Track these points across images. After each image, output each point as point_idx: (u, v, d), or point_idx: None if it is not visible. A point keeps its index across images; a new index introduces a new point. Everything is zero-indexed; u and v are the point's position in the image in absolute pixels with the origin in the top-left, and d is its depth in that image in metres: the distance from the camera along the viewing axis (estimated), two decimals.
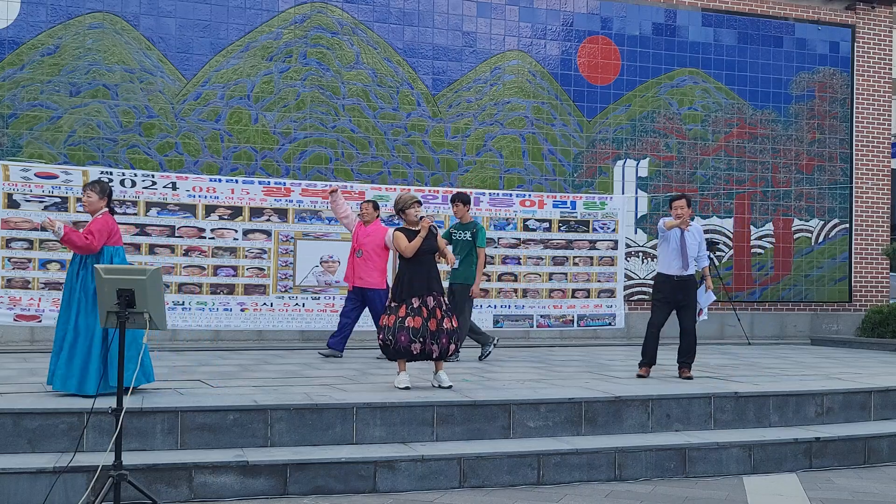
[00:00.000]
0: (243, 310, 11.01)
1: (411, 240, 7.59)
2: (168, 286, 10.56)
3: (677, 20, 14.85)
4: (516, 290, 12.25)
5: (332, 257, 10.37)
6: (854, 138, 15.84)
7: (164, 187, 10.76)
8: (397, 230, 7.72)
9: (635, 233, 14.28)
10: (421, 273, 7.58)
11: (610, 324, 12.73)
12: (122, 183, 10.60)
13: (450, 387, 7.57)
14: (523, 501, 6.15)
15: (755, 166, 15.24)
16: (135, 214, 10.66)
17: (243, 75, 12.76)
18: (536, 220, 12.38)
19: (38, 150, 11.86)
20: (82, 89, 12.11)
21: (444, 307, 7.63)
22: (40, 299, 10.09)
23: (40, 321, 10.11)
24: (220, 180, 11.12)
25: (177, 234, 10.84)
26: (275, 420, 6.51)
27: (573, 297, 12.51)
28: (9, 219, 10.17)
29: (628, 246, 13.00)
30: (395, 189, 11.82)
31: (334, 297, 11.27)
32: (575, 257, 12.54)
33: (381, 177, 13.18)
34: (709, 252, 14.32)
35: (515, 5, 14.02)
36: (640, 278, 14.23)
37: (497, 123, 13.89)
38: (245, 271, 11.06)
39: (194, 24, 12.58)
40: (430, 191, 12.08)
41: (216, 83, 12.64)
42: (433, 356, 7.53)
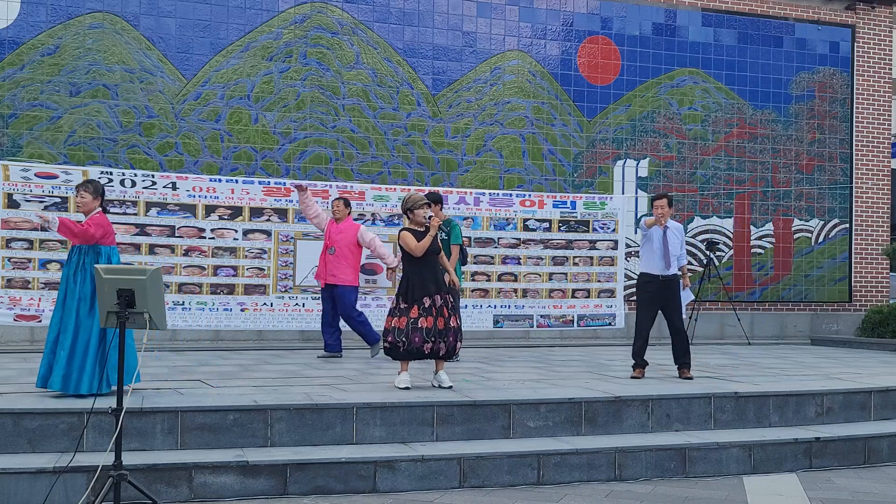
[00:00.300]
0: (243, 310, 11.01)
1: (419, 240, 7.60)
2: (168, 286, 10.56)
3: (677, 20, 14.85)
4: (516, 290, 12.25)
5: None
6: (854, 138, 15.84)
7: (164, 187, 10.76)
8: (404, 230, 7.72)
9: (635, 233, 14.26)
10: (429, 273, 7.60)
11: (610, 324, 12.73)
12: (122, 183, 10.60)
13: (450, 387, 7.58)
14: (523, 501, 6.15)
15: (755, 166, 15.24)
16: (135, 214, 10.66)
17: (243, 75, 12.76)
18: (536, 220, 12.38)
19: (38, 150, 11.86)
20: (82, 89, 12.11)
21: (449, 306, 7.65)
22: (40, 299, 10.09)
23: (40, 321, 10.10)
24: (220, 180, 11.12)
25: (177, 234, 10.84)
26: (275, 420, 6.51)
27: (573, 297, 12.51)
28: (9, 219, 10.17)
29: (628, 246, 12.99)
30: (395, 189, 11.83)
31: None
32: (575, 257, 12.54)
33: (381, 177, 13.18)
34: (709, 252, 14.41)
35: (515, 5, 14.02)
36: None
37: (497, 123, 13.89)
38: (245, 271, 11.06)
39: (194, 24, 12.58)
40: (430, 191, 12.07)
41: (216, 83, 12.65)
42: (440, 354, 7.54)
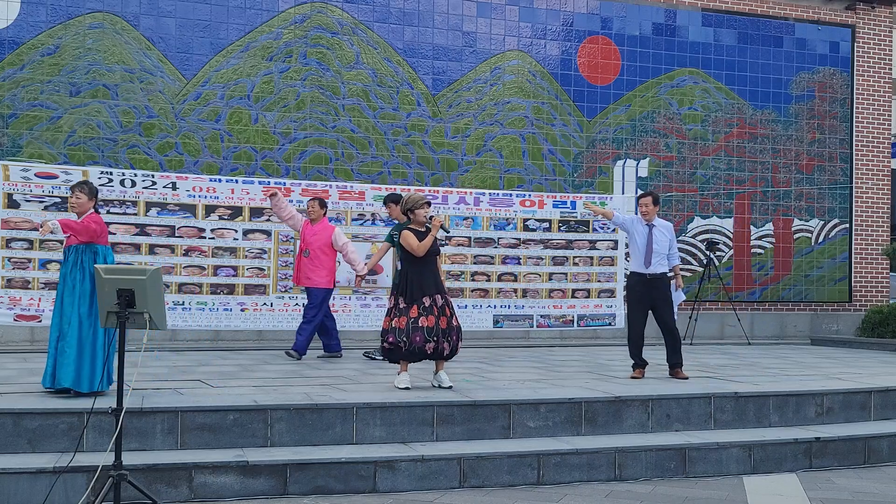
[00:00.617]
0: (243, 310, 11.00)
1: (420, 240, 7.60)
2: (168, 286, 10.56)
3: (677, 20, 14.85)
4: (516, 290, 12.25)
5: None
6: (854, 138, 15.85)
7: (164, 187, 10.75)
8: (405, 230, 7.72)
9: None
10: (428, 273, 7.60)
11: (610, 324, 12.72)
12: (122, 183, 10.60)
13: (450, 387, 7.57)
14: (523, 501, 6.15)
15: (755, 166, 15.24)
16: (135, 214, 10.66)
17: (243, 75, 12.77)
18: (536, 220, 12.38)
19: (38, 150, 11.86)
20: (82, 89, 12.11)
21: (450, 305, 7.64)
22: (40, 299, 10.08)
23: (40, 321, 10.10)
24: (220, 180, 11.11)
25: (177, 234, 10.84)
26: (275, 420, 6.51)
27: (573, 297, 12.51)
28: (9, 219, 10.17)
29: (628, 246, 12.95)
30: (395, 189, 11.82)
31: (334, 298, 11.26)
32: (575, 257, 12.54)
33: (381, 177, 13.18)
34: (709, 252, 14.41)
35: (515, 5, 14.02)
36: None
37: (497, 123, 13.89)
38: (245, 271, 11.06)
39: (194, 24, 12.58)
40: (430, 191, 12.07)
41: (216, 83, 12.65)
42: (444, 354, 7.54)
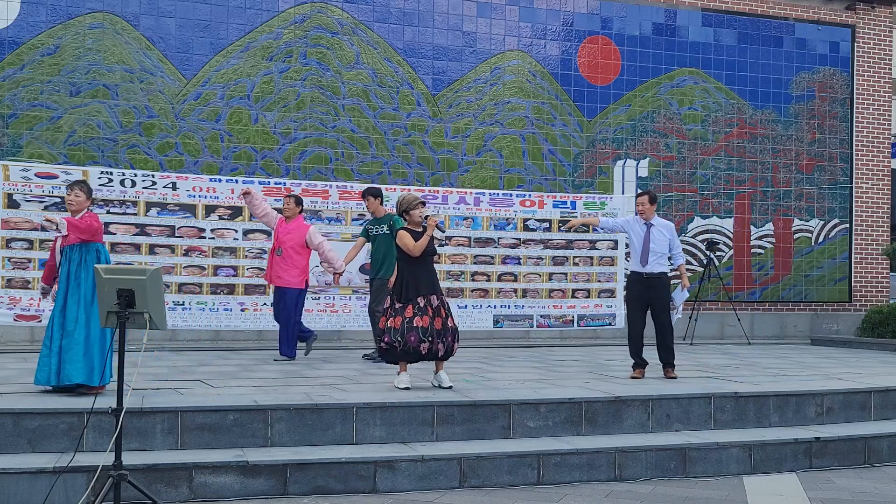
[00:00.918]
0: (243, 310, 11.01)
1: (416, 239, 7.60)
2: (168, 286, 10.56)
3: (677, 20, 14.86)
4: (516, 290, 12.25)
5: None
6: (854, 138, 15.85)
7: (164, 187, 10.76)
8: (401, 230, 7.72)
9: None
10: (424, 273, 7.59)
11: (610, 324, 12.73)
12: (122, 183, 10.60)
13: (450, 387, 7.57)
14: (523, 501, 6.15)
15: (755, 166, 15.24)
16: (135, 214, 10.66)
17: (243, 75, 12.77)
18: (536, 220, 12.39)
19: (38, 150, 11.87)
20: (82, 89, 12.11)
21: (446, 306, 7.63)
22: (40, 299, 10.07)
23: (40, 321, 10.10)
24: (220, 180, 11.12)
25: (177, 234, 10.85)
26: (275, 420, 6.51)
27: (573, 297, 12.52)
28: (9, 219, 10.18)
29: (628, 246, 12.95)
30: (395, 189, 11.81)
31: (334, 297, 11.28)
32: (575, 257, 12.54)
33: (381, 177, 13.18)
34: (709, 252, 14.41)
35: (515, 5, 14.02)
36: None
37: (497, 123, 13.89)
38: (245, 271, 11.06)
39: (194, 24, 12.58)
40: (430, 191, 12.09)
41: (216, 83, 12.65)
42: (439, 355, 7.53)
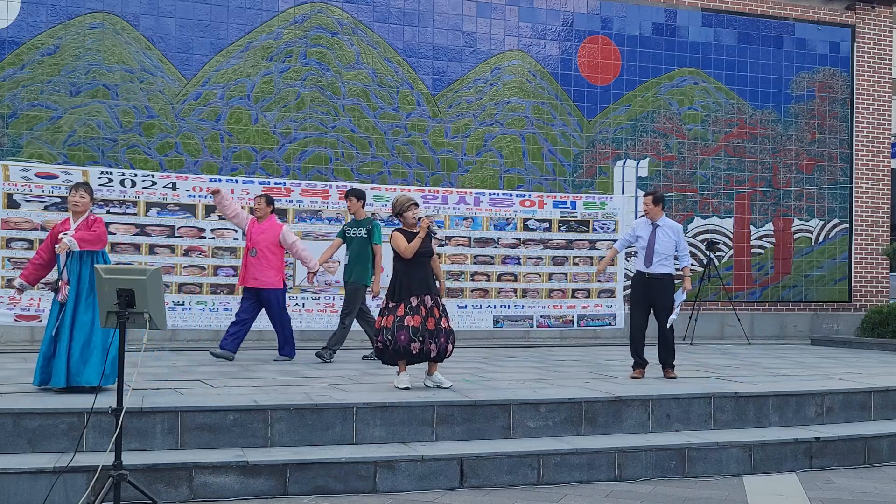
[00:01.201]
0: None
1: (410, 241, 7.59)
2: (168, 286, 10.56)
3: (677, 20, 14.85)
4: (516, 290, 12.25)
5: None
6: (854, 138, 15.85)
7: (164, 187, 10.76)
8: (395, 231, 7.72)
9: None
10: (418, 274, 7.58)
11: (610, 324, 12.73)
12: (122, 183, 10.60)
13: (449, 386, 7.57)
14: (523, 501, 6.15)
15: (755, 166, 15.24)
16: (135, 214, 10.66)
17: (243, 75, 12.77)
18: (536, 220, 12.39)
19: (38, 150, 11.86)
20: (82, 89, 12.11)
21: (440, 307, 7.62)
22: (40, 299, 10.08)
23: (40, 321, 10.10)
24: (220, 180, 11.11)
25: (177, 234, 10.84)
26: (275, 420, 6.51)
27: (573, 297, 12.51)
28: (9, 219, 10.18)
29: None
30: (395, 189, 11.82)
31: (334, 297, 11.27)
32: (575, 257, 12.54)
33: (381, 177, 13.18)
34: (709, 252, 14.41)
35: (515, 5, 14.02)
36: None
37: (497, 123, 13.89)
38: None
39: (194, 24, 12.58)
40: (430, 191, 12.09)
41: (216, 83, 12.65)
42: (430, 356, 7.52)
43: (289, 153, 12.89)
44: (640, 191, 14.38)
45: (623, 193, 14.10)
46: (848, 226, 15.75)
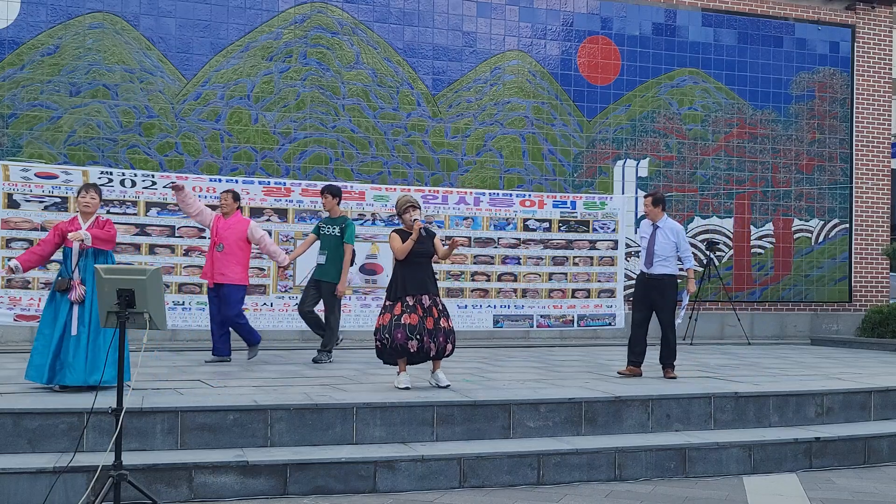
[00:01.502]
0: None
1: (404, 241, 7.62)
2: (168, 286, 10.56)
3: (677, 20, 14.86)
4: (516, 290, 12.25)
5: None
6: (854, 138, 15.85)
7: (164, 187, 10.75)
8: (394, 231, 7.74)
9: (635, 233, 14.25)
10: (415, 274, 7.59)
11: (610, 324, 12.73)
12: (122, 183, 10.60)
13: (447, 386, 7.57)
14: (523, 501, 6.15)
15: (755, 166, 15.24)
16: (135, 214, 10.66)
17: (243, 75, 12.77)
18: (536, 220, 12.39)
19: (38, 150, 11.87)
20: (82, 89, 12.11)
21: (440, 307, 7.62)
22: (40, 299, 10.08)
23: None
24: (220, 180, 11.11)
25: (177, 234, 10.84)
26: (275, 420, 6.51)
27: (573, 297, 12.51)
28: (9, 219, 10.17)
29: (628, 246, 12.99)
30: (395, 189, 11.82)
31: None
32: (575, 257, 12.54)
33: (381, 177, 13.18)
34: (709, 252, 14.40)
35: (515, 5, 14.02)
36: None
37: (497, 123, 13.89)
38: None
39: (194, 24, 12.58)
40: (430, 191, 12.08)
41: (216, 83, 12.65)
42: (430, 355, 7.52)
43: (289, 153, 12.89)
44: (640, 191, 14.39)
45: (623, 193, 14.11)
46: (848, 226, 15.75)
